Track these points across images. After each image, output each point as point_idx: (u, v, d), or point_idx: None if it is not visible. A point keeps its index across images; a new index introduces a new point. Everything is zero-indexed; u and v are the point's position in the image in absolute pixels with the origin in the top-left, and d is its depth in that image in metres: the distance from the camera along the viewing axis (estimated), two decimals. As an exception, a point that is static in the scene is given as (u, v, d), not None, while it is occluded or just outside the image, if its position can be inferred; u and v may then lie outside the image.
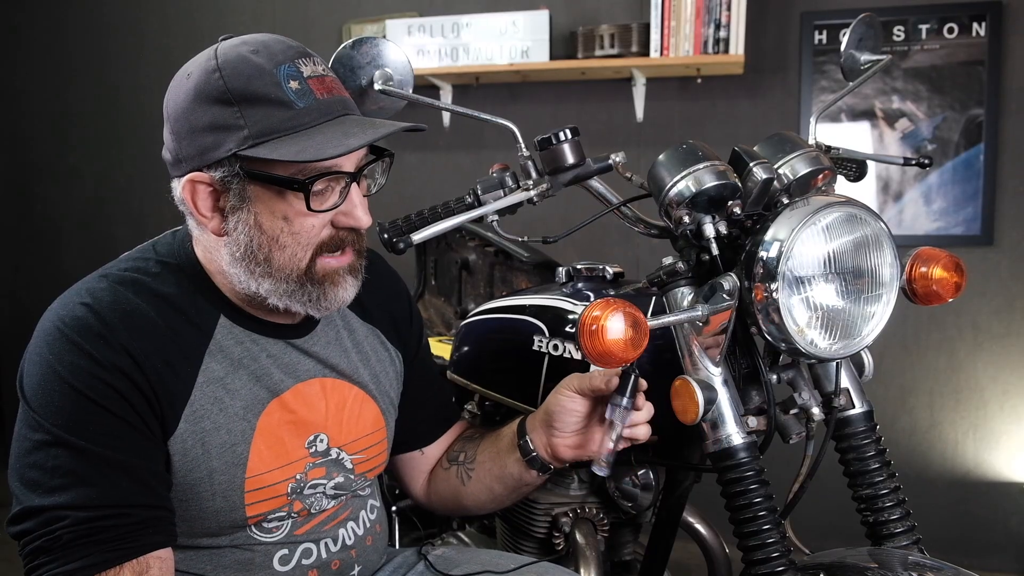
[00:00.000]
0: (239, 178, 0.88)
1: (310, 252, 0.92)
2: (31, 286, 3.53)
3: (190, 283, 0.95)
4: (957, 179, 2.60)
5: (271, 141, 0.86)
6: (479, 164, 2.92)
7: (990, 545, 2.66)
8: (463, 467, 1.18)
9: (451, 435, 1.25)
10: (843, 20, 2.63)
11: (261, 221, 0.90)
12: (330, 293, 0.94)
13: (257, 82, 0.86)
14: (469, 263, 2.11)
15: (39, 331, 0.89)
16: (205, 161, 0.88)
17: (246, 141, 0.86)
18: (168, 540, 0.89)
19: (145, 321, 0.90)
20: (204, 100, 0.87)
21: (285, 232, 0.90)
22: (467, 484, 1.17)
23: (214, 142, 0.87)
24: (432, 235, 0.95)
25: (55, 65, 3.39)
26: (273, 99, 0.86)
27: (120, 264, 0.96)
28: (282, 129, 0.86)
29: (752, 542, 0.91)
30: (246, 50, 0.88)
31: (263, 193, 0.89)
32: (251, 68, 0.86)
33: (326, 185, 0.90)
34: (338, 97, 0.91)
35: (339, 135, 0.86)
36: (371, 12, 3.02)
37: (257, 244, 0.90)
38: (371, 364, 1.10)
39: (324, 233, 0.92)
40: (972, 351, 2.64)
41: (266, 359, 0.97)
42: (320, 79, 0.90)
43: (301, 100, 0.87)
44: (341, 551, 1.04)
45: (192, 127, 0.88)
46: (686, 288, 0.98)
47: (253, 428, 0.95)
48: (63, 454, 0.83)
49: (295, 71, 0.88)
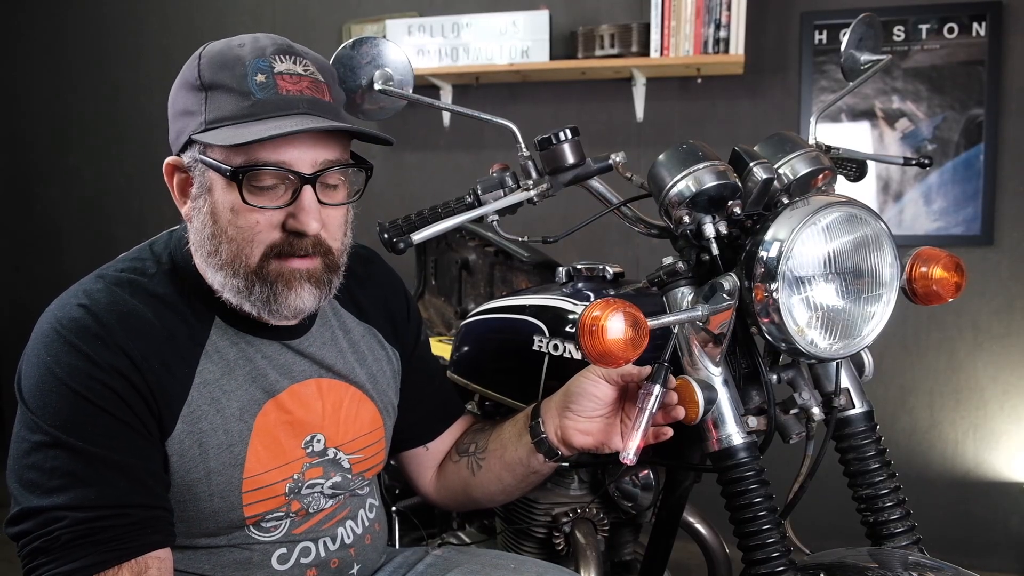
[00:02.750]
0: (200, 164, 0.89)
1: (258, 251, 0.89)
2: (31, 286, 3.52)
3: (185, 284, 0.95)
4: (957, 179, 2.60)
5: (219, 128, 0.87)
6: (479, 164, 2.92)
7: (990, 545, 2.66)
8: (474, 457, 1.16)
9: (455, 430, 1.24)
10: (843, 20, 2.63)
11: (214, 211, 0.90)
12: (281, 296, 0.91)
13: (226, 72, 0.87)
14: (469, 263, 2.10)
15: (36, 332, 0.89)
16: (177, 145, 0.92)
17: (200, 126, 0.88)
18: (166, 540, 0.89)
19: (142, 322, 0.90)
20: (182, 87, 0.91)
21: (232, 224, 0.89)
22: (477, 474, 1.16)
23: (183, 127, 0.90)
24: (432, 235, 0.95)
25: (55, 65, 3.39)
26: (234, 88, 0.87)
27: (117, 265, 0.97)
28: (233, 117, 0.86)
29: (752, 542, 0.91)
30: (235, 43, 0.90)
31: (216, 182, 0.89)
32: (226, 59, 0.88)
33: (274, 183, 0.88)
34: (307, 96, 0.89)
35: (275, 128, 0.84)
36: (371, 12, 3.02)
37: (210, 233, 0.90)
38: (368, 364, 1.10)
39: (274, 234, 0.90)
40: (972, 351, 2.64)
41: (261, 360, 0.97)
42: (294, 77, 0.89)
43: (261, 92, 0.87)
44: (340, 550, 1.04)
45: (174, 112, 0.92)
46: (686, 288, 0.98)
47: (250, 429, 0.95)
48: (61, 455, 0.84)
49: (266, 65, 0.88)
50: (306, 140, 0.88)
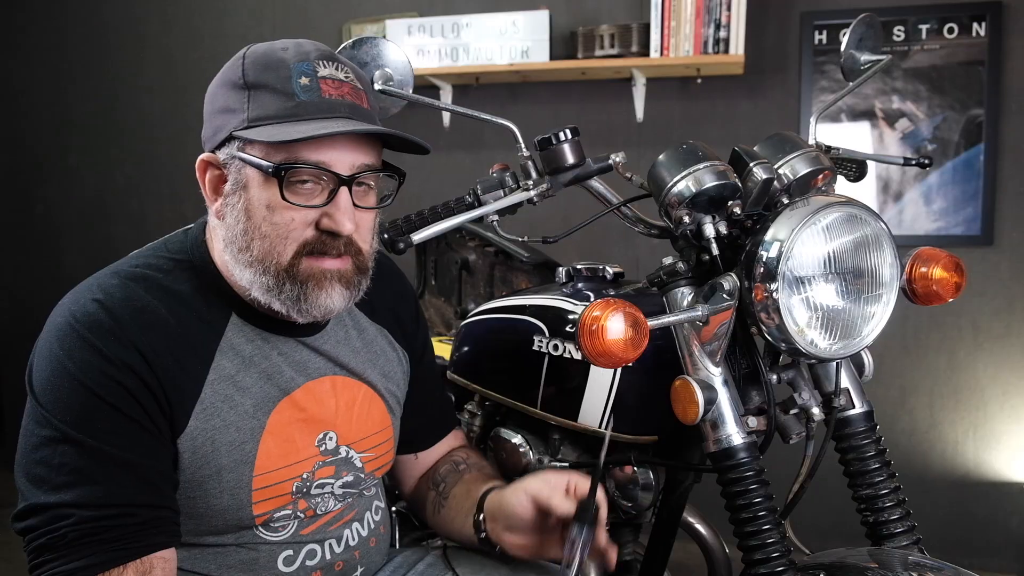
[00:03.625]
0: (237, 161, 0.90)
1: (291, 248, 0.90)
2: (31, 286, 3.52)
3: (202, 281, 0.95)
4: (957, 179, 2.60)
5: (262, 126, 0.87)
6: (479, 164, 2.92)
7: (990, 545, 2.66)
8: (440, 497, 1.16)
9: (445, 444, 1.24)
10: (843, 20, 2.63)
11: (249, 208, 0.90)
12: (312, 296, 0.91)
13: (270, 73, 0.89)
14: (469, 263, 2.10)
15: (50, 326, 0.89)
16: (214, 142, 0.92)
17: (242, 123, 0.88)
18: (172, 540, 0.89)
19: (156, 318, 0.90)
20: (224, 85, 0.92)
21: (267, 221, 0.89)
22: (438, 514, 1.16)
23: (222, 124, 0.90)
24: (432, 235, 0.95)
25: (55, 65, 3.39)
26: (279, 89, 0.88)
27: (131, 261, 0.96)
28: (276, 116, 0.88)
29: (752, 542, 0.91)
30: (278, 46, 0.91)
31: (254, 179, 0.89)
32: (271, 60, 0.90)
33: (312, 182, 0.89)
34: (348, 101, 0.91)
35: (320, 128, 0.86)
36: (371, 12, 3.02)
37: (243, 230, 0.90)
38: (379, 363, 1.10)
39: (308, 232, 0.90)
40: (972, 351, 2.64)
41: (277, 357, 0.97)
42: (336, 82, 0.91)
43: (304, 94, 0.88)
44: (345, 552, 1.04)
45: (212, 109, 0.93)
46: (686, 288, 0.98)
47: (263, 426, 0.95)
48: (70, 451, 0.83)
49: (310, 69, 0.89)
50: (346, 143, 0.90)
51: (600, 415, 1.13)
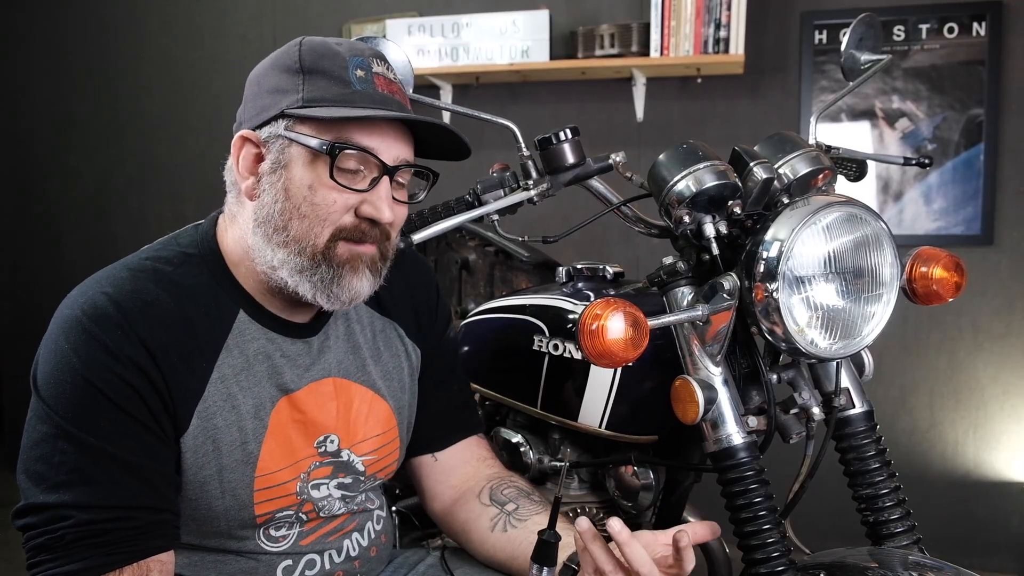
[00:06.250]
0: (281, 139, 0.90)
1: (328, 231, 0.91)
2: (31, 286, 3.52)
3: (212, 275, 0.95)
4: (957, 179, 2.60)
5: (318, 107, 0.89)
6: (479, 164, 2.91)
7: (990, 545, 2.66)
8: (510, 516, 1.07)
9: (467, 448, 1.17)
10: (843, 20, 2.63)
11: (289, 187, 0.90)
12: (346, 280, 0.92)
13: (327, 61, 0.91)
14: (469, 263, 2.10)
15: (57, 319, 0.89)
16: (258, 120, 0.92)
17: (296, 103, 0.90)
18: (169, 544, 0.89)
19: (165, 313, 0.89)
20: (276, 68, 0.93)
21: (307, 202, 0.90)
22: (503, 533, 1.06)
23: (271, 103, 0.91)
24: (432, 235, 0.96)
25: (55, 65, 3.39)
26: (335, 76, 0.90)
27: (141, 254, 0.96)
28: (333, 100, 0.89)
29: (752, 542, 0.91)
30: (332, 42, 0.94)
31: (297, 158, 0.90)
32: (327, 50, 0.91)
33: (357, 167, 0.90)
34: (397, 99, 0.94)
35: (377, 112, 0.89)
36: (371, 12, 3.02)
37: (280, 209, 0.91)
38: (383, 362, 1.09)
39: (346, 218, 0.91)
40: (972, 351, 2.64)
41: (280, 357, 0.97)
42: (387, 80, 0.94)
43: (360, 84, 0.91)
44: (345, 562, 1.04)
45: (259, 90, 0.94)
46: (686, 288, 0.98)
47: (265, 427, 0.95)
48: (70, 449, 0.83)
49: (365, 64, 0.92)
50: (394, 135, 0.92)
51: (600, 415, 1.13)
